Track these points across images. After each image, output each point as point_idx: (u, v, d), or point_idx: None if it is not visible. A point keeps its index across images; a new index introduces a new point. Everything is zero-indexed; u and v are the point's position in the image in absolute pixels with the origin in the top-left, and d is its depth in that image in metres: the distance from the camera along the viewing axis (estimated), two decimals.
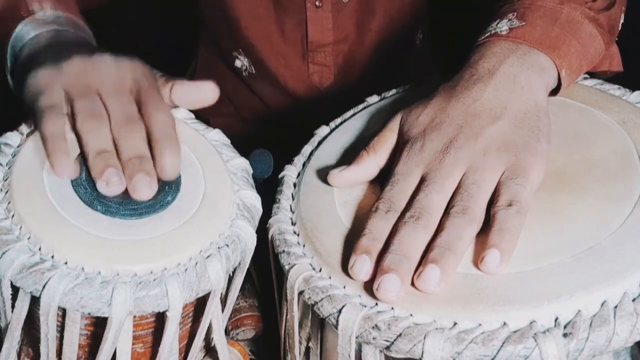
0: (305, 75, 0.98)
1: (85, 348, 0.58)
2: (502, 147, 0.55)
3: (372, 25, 0.95)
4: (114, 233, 0.55)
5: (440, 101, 0.59)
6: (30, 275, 0.52)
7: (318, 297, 0.52)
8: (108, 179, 0.57)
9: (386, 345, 0.48)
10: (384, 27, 0.96)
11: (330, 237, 0.56)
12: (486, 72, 0.59)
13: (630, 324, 0.46)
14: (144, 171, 0.57)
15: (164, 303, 0.54)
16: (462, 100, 0.58)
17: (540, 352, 0.45)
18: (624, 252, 0.49)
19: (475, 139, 0.55)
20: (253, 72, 1.01)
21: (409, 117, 0.59)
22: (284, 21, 0.96)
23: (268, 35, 0.96)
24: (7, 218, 0.55)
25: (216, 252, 0.57)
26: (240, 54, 1.00)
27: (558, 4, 0.63)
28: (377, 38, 0.96)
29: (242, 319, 0.71)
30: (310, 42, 0.96)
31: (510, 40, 0.61)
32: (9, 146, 0.60)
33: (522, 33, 0.61)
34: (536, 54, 0.60)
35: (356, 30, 0.96)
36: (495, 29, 0.63)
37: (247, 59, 1.00)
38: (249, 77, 1.01)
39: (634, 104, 0.63)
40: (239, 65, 1.01)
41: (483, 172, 0.54)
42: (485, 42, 0.62)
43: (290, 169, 0.64)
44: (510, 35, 0.61)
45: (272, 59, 0.98)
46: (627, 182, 0.55)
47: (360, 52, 0.97)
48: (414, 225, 0.52)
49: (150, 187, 0.57)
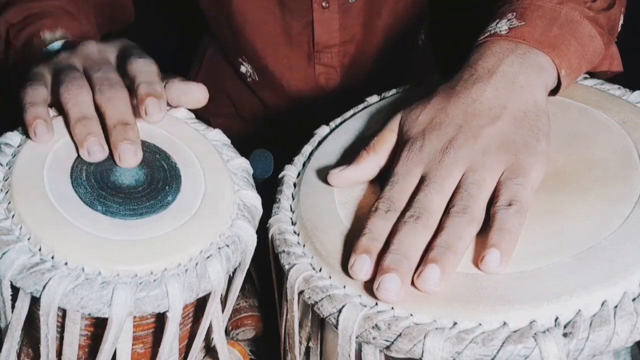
0: (312, 77, 0.98)
1: (85, 348, 0.58)
2: (502, 147, 0.55)
3: (378, 25, 0.96)
4: (114, 233, 0.55)
5: (440, 101, 0.59)
6: (31, 276, 0.52)
7: (318, 297, 0.52)
8: (89, 149, 0.59)
9: (386, 345, 0.48)
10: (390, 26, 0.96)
11: (330, 236, 0.56)
12: (485, 71, 0.59)
13: (630, 324, 0.46)
14: (128, 140, 0.59)
15: (164, 304, 0.54)
16: (461, 99, 0.58)
17: (541, 351, 0.45)
18: (624, 252, 0.49)
19: (475, 138, 0.55)
20: (257, 79, 1.01)
21: (408, 117, 0.59)
22: (290, 24, 0.96)
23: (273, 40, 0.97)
24: (7, 218, 0.55)
25: (216, 253, 0.57)
26: (244, 60, 1.00)
27: (557, 4, 0.63)
28: (382, 38, 0.97)
29: (242, 319, 0.71)
30: (317, 44, 0.96)
31: (510, 40, 0.61)
32: (9, 146, 0.60)
33: (522, 33, 0.61)
34: (535, 54, 0.60)
35: (362, 31, 0.96)
36: (494, 29, 0.63)
37: (251, 66, 1.00)
38: (253, 83, 1.02)
39: (634, 104, 0.63)
40: (244, 71, 1.01)
41: (483, 171, 0.54)
42: (484, 41, 0.62)
43: (290, 169, 0.64)
44: (510, 35, 0.61)
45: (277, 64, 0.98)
46: (627, 182, 0.55)
47: (366, 52, 0.97)
48: (413, 224, 0.52)
49: (135, 155, 0.59)
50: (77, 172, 0.59)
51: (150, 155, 0.62)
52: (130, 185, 0.59)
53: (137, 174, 0.60)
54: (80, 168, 0.59)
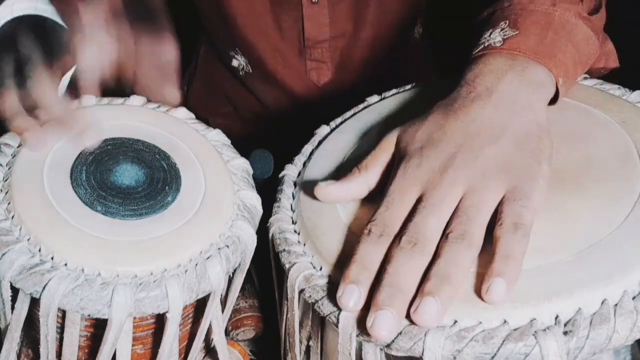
0: (303, 72, 0.98)
1: (85, 349, 0.58)
2: (503, 169, 0.53)
3: (368, 20, 0.95)
4: (114, 234, 0.55)
5: (438, 118, 0.57)
6: (30, 277, 0.52)
7: (318, 296, 0.52)
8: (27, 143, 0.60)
9: (387, 344, 0.48)
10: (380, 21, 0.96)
11: (330, 235, 0.56)
12: (484, 89, 0.58)
13: (630, 322, 0.46)
14: None
15: (164, 304, 0.54)
16: (460, 118, 0.56)
17: (541, 349, 0.45)
18: (624, 251, 0.49)
19: (475, 158, 0.53)
20: (250, 72, 1.00)
21: (405, 134, 0.58)
22: (280, 18, 0.95)
23: (265, 33, 0.96)
24: (7, 219, 0.55)
25: (216, 253, 0.57)
26: (237, 53, 1.00)
27: (550, 6, 0.62)
28: (373, 33, 0.96)
29: (242, 320, 0.71)
30: (307, 39, 0.96)
31: (505, 53, 0.60)
32: (9, 146, 0.60)
33: (517, 43, 0.60)
34: (534, 68, 0.59)
35: (353, 26, 0.95)
36: (489, 41, 0.61)
37: (243, 58, 1.00)
38: (246, 77, 1.01)
39: (634, 104, 0.63)
40: (236, 64, 1.01)
41: (482, 194, 0.52)
42: (480, 55, 0.61)
43: (290, 169, 0.64)
44: (505, 47, 0.60)
45: (270, 56, 0.98)
46: (627, 181, 0.55)
47: (358, 48, 0.97)
48: (410, 252, 0.49)
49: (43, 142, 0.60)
50: (76, 172, 0.59)
51: (150, 156, 0.62)
52: (130, 185, 0.59)
53: (137, 175, 0.60)
54: (80, 169, 0.59)
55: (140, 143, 0.63)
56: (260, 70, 0.99)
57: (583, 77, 0.67)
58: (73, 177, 0.59)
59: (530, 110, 0.57)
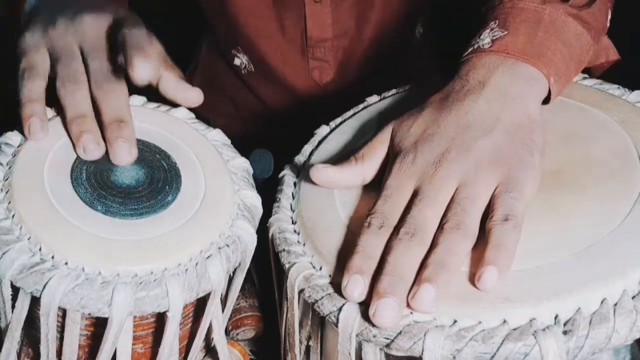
0: (305, 71, 0.98)
1: (85, 348, 0.58)
2: (495, 161, 0.54)
3: (371, 19, 0.95)
4: (115, 233, 0.55)
5: (432, 112, 0.58)
6: (31, 276, 0.52)
7: (318, 295, 0.52)
8: (84, 147, 0.60)
9: (386, 343, 0.48)
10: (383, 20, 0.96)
11: (330, 235, 0.56)
12: (477, 83, 0.58)
13: (630, 322, 0.46)
14: (122, 137, 0.60)
15: (164, 303, 0.54)
16: (453, 111, 0.57)
17: (540, 349, 0.45)
18: (624, 250, 0.50)
19: (468, 151, 0.54)
20: (252, 70, 1.00)
21: (400, 129, 0.58)
22: (283, 17, 0.95)
23: (267, 31, 0.96)
24: (8, 218, 0.55)
25: (216, 253, 0.57)
26: (239, 51, 1.00)
27: (540, 4, 0.62)
28: (376, 32, 0.96)
29: (242, 319, 0.71)
30: (309, 38, 0.96)
31: (494, 54, 0.60)
32: (9, 146, 0.60)
33: (505, 44, 0.60)
34: (525, 67, 0.59)
35: (355, 25, 0.96)
36: (477, 43, 0.62)
37: (246, 57, 1.00)
38: (248, 76, 1.01)
39: (634, 104, 0.63)
40: (238, 63, 1.01)
41: (476, 186, 0.53)
42: (469, 58, 0.61)
43: (290, 169, 0.64)
44: (494, 49, 0.60)
45: (272, 55, 0.98)
46: (626, 181, 0.55)
47: (360, 47, 0.97)
48: (408, 242, 0.51)
49: (129, 153, 0.60)
50: (77, 171, 0.59)
51: (150, 155, 0.62)
52: (131, 185, 0.59)
53: (137, 174, 0.60)
54: (81, 168, 0.59)
55: (140, 143, 0.63)
56: (262, 69, 0.99)
57: (582, 77, 0.67)
58: (73, 176, 0.59)
59: (521, 103, 0.57)
